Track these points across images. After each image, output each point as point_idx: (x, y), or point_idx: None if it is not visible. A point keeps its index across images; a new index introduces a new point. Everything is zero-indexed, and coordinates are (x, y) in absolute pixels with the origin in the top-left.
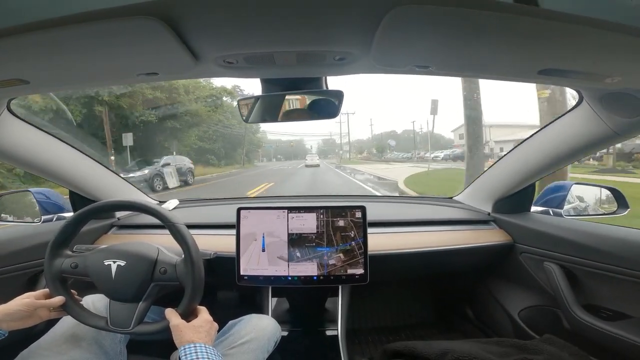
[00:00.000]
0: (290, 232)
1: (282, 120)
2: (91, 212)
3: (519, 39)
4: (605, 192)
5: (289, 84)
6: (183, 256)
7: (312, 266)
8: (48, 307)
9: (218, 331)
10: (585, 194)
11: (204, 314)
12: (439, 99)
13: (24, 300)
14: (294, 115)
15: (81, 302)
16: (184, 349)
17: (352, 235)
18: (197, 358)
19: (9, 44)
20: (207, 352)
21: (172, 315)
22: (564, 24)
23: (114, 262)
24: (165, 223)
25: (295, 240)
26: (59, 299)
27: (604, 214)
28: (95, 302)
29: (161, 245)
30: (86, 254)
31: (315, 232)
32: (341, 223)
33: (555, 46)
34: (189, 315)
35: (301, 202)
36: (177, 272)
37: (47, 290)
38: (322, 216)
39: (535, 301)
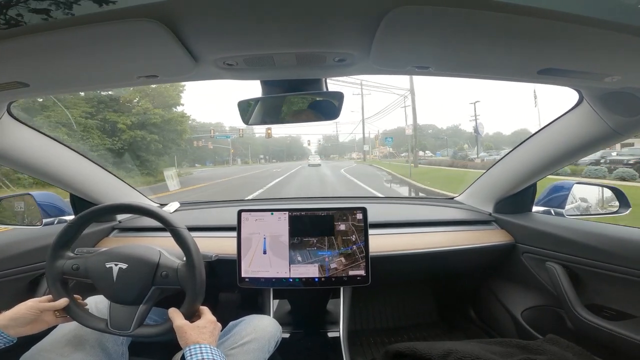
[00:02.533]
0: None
1: (283, 122)
2: (93, 214)
3: (519, 39)
4: (607, 192)
5: (289, 86)
6: (184, 260)
7: (313, 268)
8: (52, 309)
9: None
10: (586, 193)
11: (207, 314)
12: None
13: (28, 304)
14: (294, 116)
15: (86, 306)
16: (189, 349)
17: (354, 239)
18: (203, 359)
19: (8, 46)
20: (212, 353)
21: (175, 316)
22: (563, 24)
23: (116, 264)
24: (166, 226)
25: (297, 243)
26: (62, 301)
27: (606, 214)
28: (98, 303)
29: (163, 247)
30: (88, 256)
31: None
32: (342, 227)
33: (555, 46)
34: (191, 316)
35: (302, 204)
36: (178, 276)
37: (50, 296)
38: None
39: (538, 301)
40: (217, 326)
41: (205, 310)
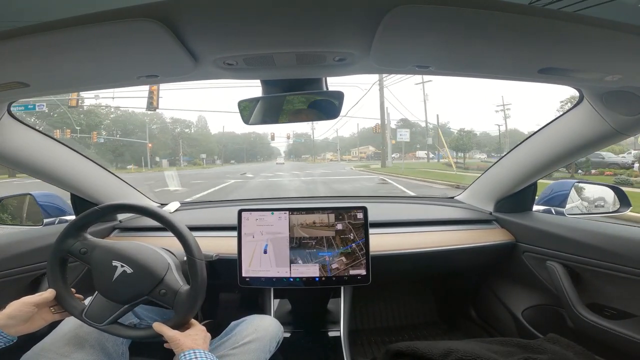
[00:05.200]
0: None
1: (283, 122)
2: (116, 208)
3: (519, 38)
4: (607, 191)
5: (289, 85)
6: (188, 287)
7: (314, 267)
8: (43, 301)
9: (220, 332)
10: (587, 192)
11: (197, 324)
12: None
13: (21, 300)
14: (294, 116)
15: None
16: (184, 355)
17: (352, 237)
18: None
19: (8, 47)
20: (206, 357)
21: (163, 329)
22: (563, 23)
23: (122, 266)
24: (170, 229)
25: (297, 242)
26: (50, 292)
27: (606, 213)
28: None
29: (172, 256)
30: (99, 244)
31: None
32: (339, 226)
33: (555, 45)
34: (181, 327)
35: (303, 203)
36: (175, 300)
37: (42, 293)
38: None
39: (539, 300)
40: (208, 335)
41: (194, 321)
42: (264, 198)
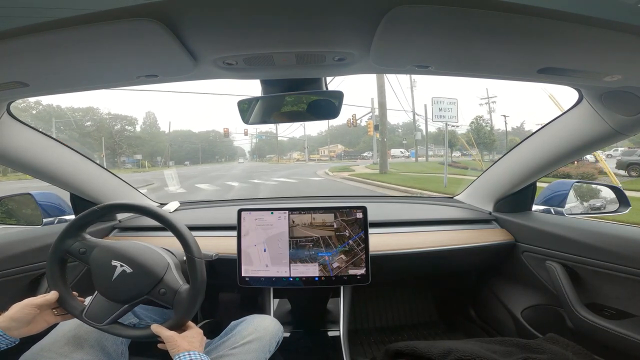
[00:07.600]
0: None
1: (282, 121)
2: (115, 208)
3: (518, 38)
4: (607, 190)
5: (288, 85)
6: (188, 286)
7: (313, 267)
8: (46, 303)
9: (220, 332)
10: (586, 192)
11: (194, 327)
12: None
13: (24, 302)
14: (293, 116)
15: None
16: (179, 357)
17: (348, 234)
18: None
19: (8, 46)
20: (201, 359)
21: (160, 330)
22: (563, 23)
23: (121, 265)
24: (169, 227)
25: (297, 242)
26: (53, 294)
27: (606, 212)
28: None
29: (171, 256)
30: (98, 243)
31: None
32: (335, 225)
33: (554, 45)
34: (179, 327)
35: (302, 203)
36: (175, 299)
37: (45, 295)
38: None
39: (538, 300)
40: (204, 338)
41: (191, 323)
42: (264, 197)
